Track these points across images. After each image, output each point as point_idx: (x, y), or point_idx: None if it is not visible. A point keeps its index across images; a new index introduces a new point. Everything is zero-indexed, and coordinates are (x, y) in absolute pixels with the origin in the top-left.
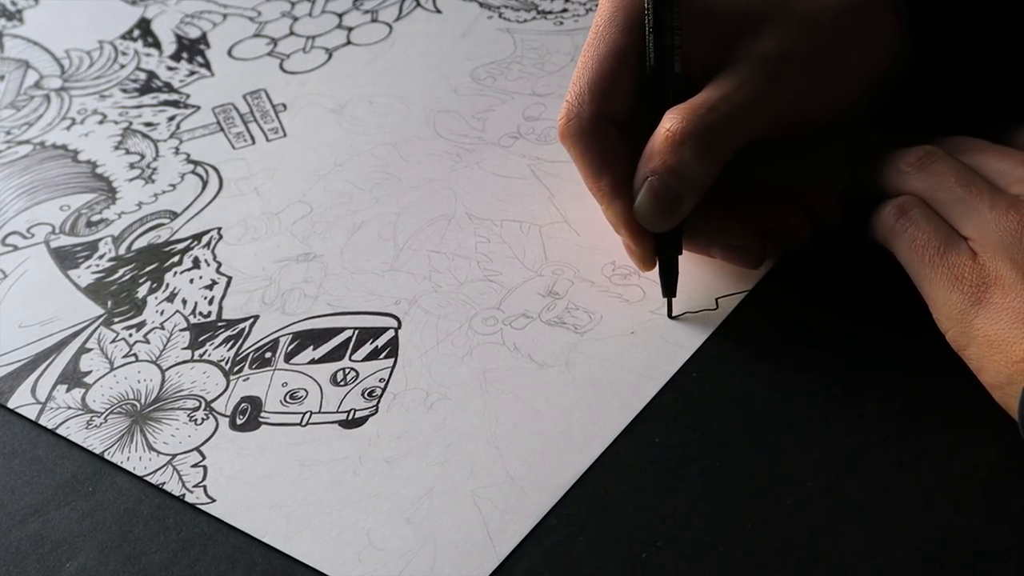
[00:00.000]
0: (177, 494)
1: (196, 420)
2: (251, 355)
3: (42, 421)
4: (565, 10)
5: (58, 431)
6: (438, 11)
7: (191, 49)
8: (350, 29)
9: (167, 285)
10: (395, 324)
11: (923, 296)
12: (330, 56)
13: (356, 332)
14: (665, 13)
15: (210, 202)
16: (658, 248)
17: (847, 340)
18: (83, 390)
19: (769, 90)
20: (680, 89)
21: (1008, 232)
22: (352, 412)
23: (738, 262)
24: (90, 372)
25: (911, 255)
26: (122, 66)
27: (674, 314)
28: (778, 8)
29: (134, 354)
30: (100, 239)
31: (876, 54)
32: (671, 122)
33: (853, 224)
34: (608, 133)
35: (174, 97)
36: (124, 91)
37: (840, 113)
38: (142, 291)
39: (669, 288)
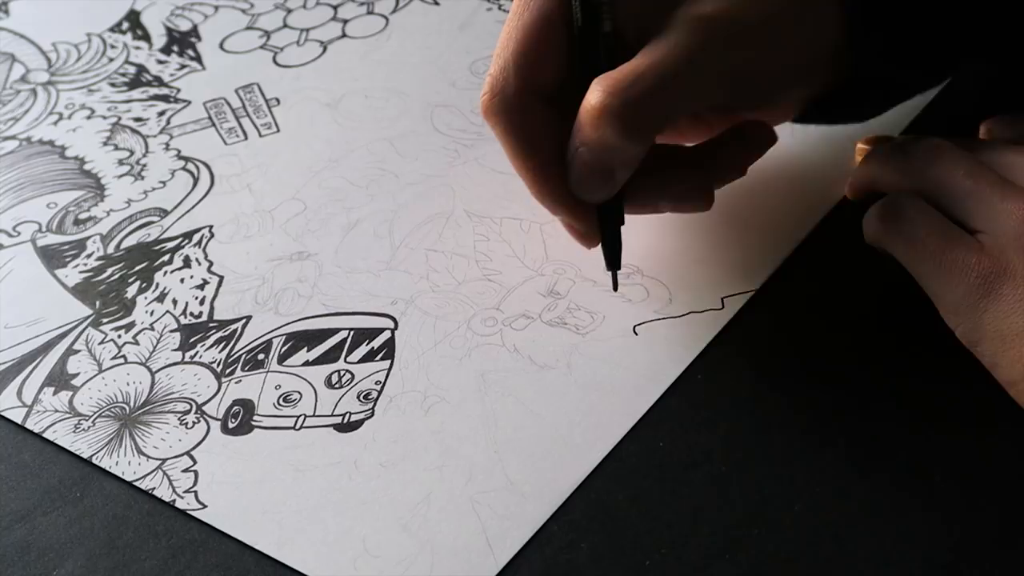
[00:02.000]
0: (167, 500)
1: (187, 424)
2: (243, 357)
3: (28, 425)
4: None
5: (45, 435)
6: (436, 3)
7: (182, 42)
8: (345, 21)
9: (157, 285)
10: (391, 325)
11: (928, 294)
12: (325, 49)
13: (351, 333)
14: None
15: (201, 199)
16: (599, 220)
17: (858, 340)
18: (71, 393)
19: (706, 54)
20: (611, 52)
21: (1020, 222)
22: (347, 415)
23: (689, 207)
24: (78, 374)
25: (910, 253)
26: (111, 59)
27: (618, 290)
28: None
29: (123, 356)
30: (88, 237)
31: (817, 34)
32: (593, 94)
33: (859, 221)
34: (535, 108)
35: (164, 91)
36: (113, 85)
37: (778, 90)
38: (131, 291)
39: (613, 261)
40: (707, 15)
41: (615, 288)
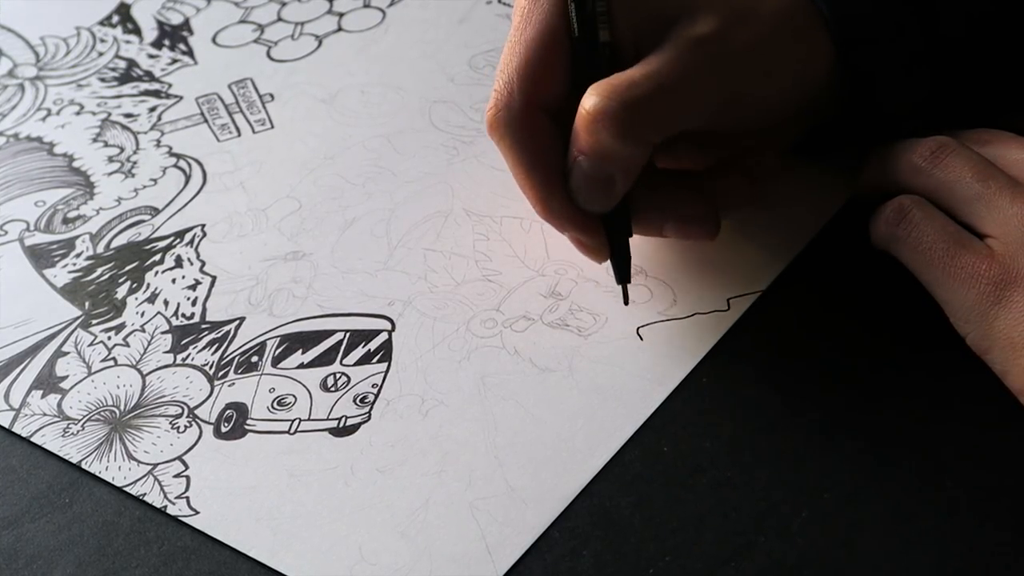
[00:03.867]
0: (158, 506)
1: (178, 428)
2: (236, 359)
3: (16, 429)
4: None
5: (33, 439)
6: None
7: (173, 36)
8: (341, 15)
9: (148, 285)
10: (389, 326)
11: (937, 300)
12: (320, 43)
13: (347, 335)
14: None
15: (193, 197)
16: (607, 232)
17: (866, 343)
18: (59, 396)
19: (700, 75)
20: (608, 61)
21: None
22: (343, 419)
23: (694, 234)
24: (67, 377)
25: (918, 259)
26: (100, 54)
27: (630, 302)
28: None
29: (113, 358)
30: (77, 236)
31: (809, 60)
32: (589, 99)
33: (867, 222)
34: (541, 124)
35: (155, 87)
36: (103, 80)
37: (773, 116)
38: (122, 291)
39: (623, 274)
40: (701, 36)
41: (626, 302)
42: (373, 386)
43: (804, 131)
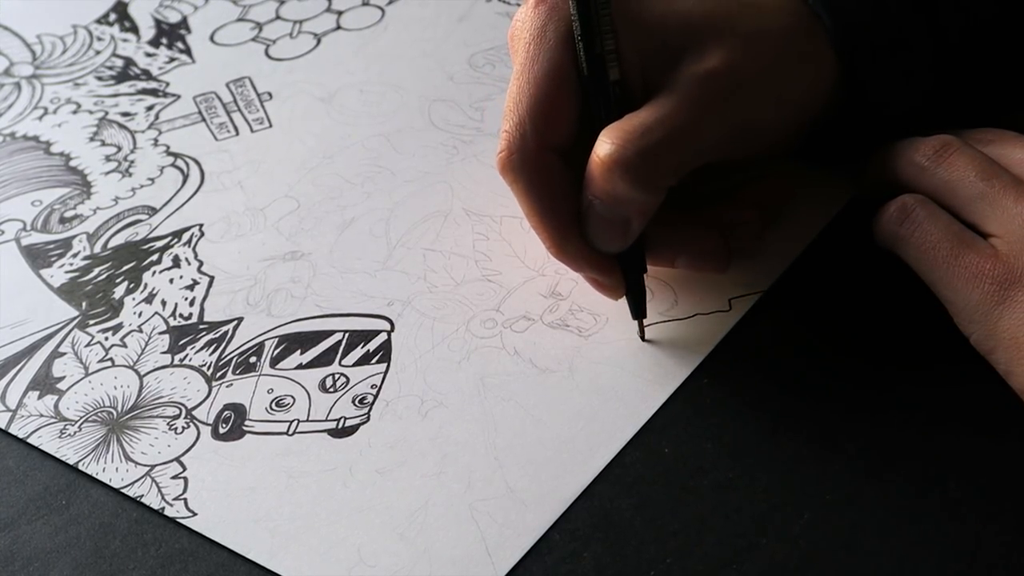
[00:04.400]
0: (156, 507)
1: (176, 429)
2: (235, 360)
3: (12, 430)
4: None
5: (29, 440)
6: None
7: (171, 34)
8: (340, 13)
9: (145, 285)
10: (388, 327)
11: (941, 300)
12: (319, 42)
13: (346, 335)
14: (592, 17)
15: (191, 197)
16: (622, 269)
17: (868, 343)
18: (56, 397)
19: (713, 111)
20: (620, 100)
21: None
22: (342, 420)
23: (706, 268)
24: (63, 377)
25: (921, 259)
26: (97, 52)
27: (646, 336)
28: (720, 25)
29: (110, 359)
30: (74, 236)
31: (816, 77)
32: (603, 146)
33: (870, 221)
34: (553, 166)
35: (153, 85)
36: (100, 79)
37: (784, 137)
38: (119, 292)
39: (639, 310)
40: (711, 71)
41: (642, 337)
42: (372, 387)
43: (805, 136)
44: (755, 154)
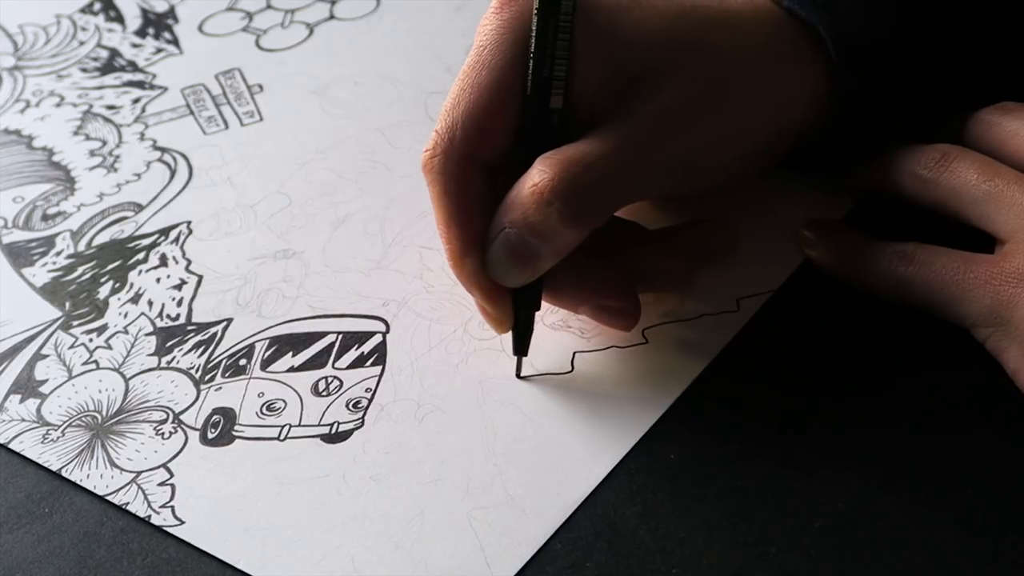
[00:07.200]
0: (142, 515)
1: (163, 434)
2: (224, 362)
3: None
4: None
5: (11, 446)
6: None
7: (158, 24)
8: (333, 2)
9: (131, 285)
10: (383, 328)
11: (955, 319)
12: (311, 32)
13: (340, 337)
14: (548, 38)
15: (179, 193)
16: (513, 302)
17: (883, 345)
18: (38, 401)
19: (658, 150)
20: (558, 128)
21: None
22: (335, 425)
23: (611, 324)
24: (46, 381)
25: (932, 290)
26: (81, 43)
27: (524, 374)
28: (687, 49)
29: (95, 361)
30: (57, 234)
31: (789, 105)
32: (539, 175)
33: (882, 216)
34: (475, 179)
35: (139, 77)
36: (84, 70)
37: (738, 169)
38: (104, 292)
39: (521, 347)
40: (663, 108)
41: (518, 374)
42: (367, 390)
43: (778, 159)
44: (705, 189)
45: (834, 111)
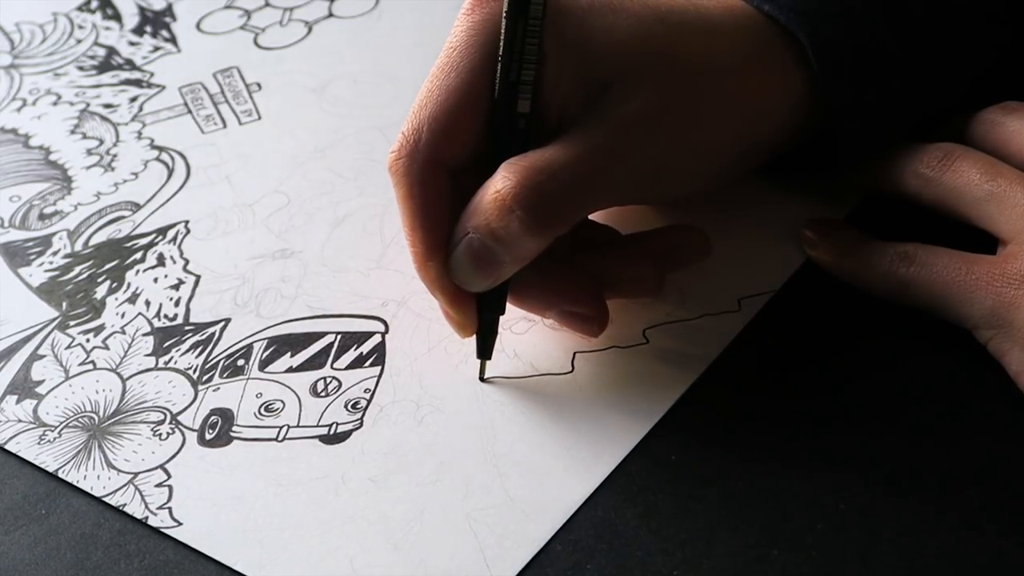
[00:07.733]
0: (139, 517)
1: (161, 435)
2: (222, 363)
3: None
4: None
5: (7, 447)
6: None
7: (155, 22)
8: (332, 0)
9: (128, 285)
10: (382, 328)
11: (957, 320)
12: (310, 30)
13: (338, 337)
14: (516, 42)
15: (176, 192)
16: (477, 305)
17: (885, 346)
18: (35, 401)
19: (625, 159)
20: (525, 133)
21: None
22: (334, 426)
23: (578, 330)
24: (43, 381)
25: (933, 292)
26: (78, 41)
27: (487, 376)
28: (658, 57)
29: (92, 361)
30: (54, 233)
31: (766, 113)
32: (503, 182)
33: (886, 215)
34: (440, 183)
35: (136, 76)
36: (81, 69)
37: (712, 177)
38: (101, 291)
39: (485, 351)
40: (634, 116)
41: (481, 377)
42: (365, 391)
43: (751, 166)
44: (680, 196)
45: (813, 121)
